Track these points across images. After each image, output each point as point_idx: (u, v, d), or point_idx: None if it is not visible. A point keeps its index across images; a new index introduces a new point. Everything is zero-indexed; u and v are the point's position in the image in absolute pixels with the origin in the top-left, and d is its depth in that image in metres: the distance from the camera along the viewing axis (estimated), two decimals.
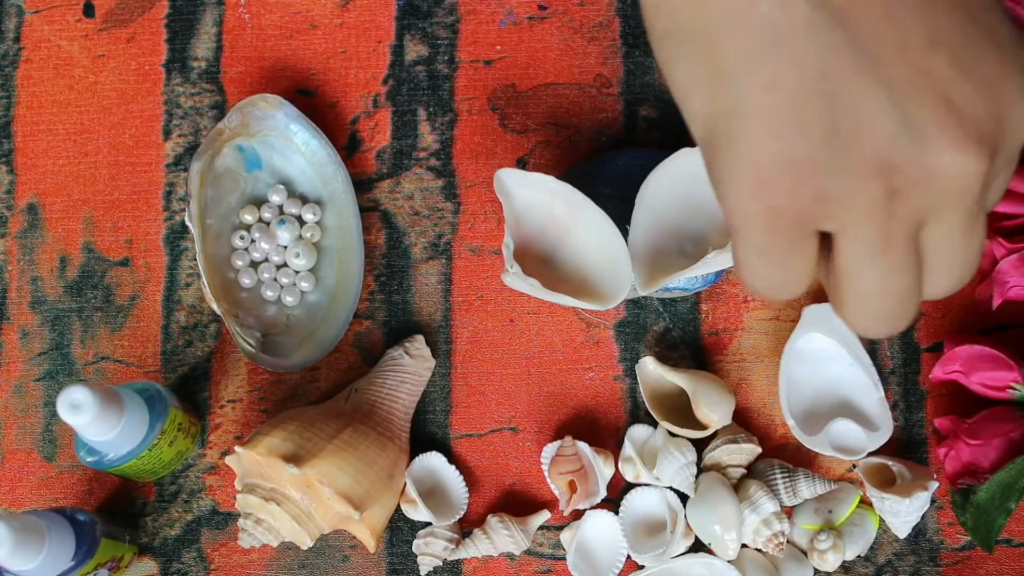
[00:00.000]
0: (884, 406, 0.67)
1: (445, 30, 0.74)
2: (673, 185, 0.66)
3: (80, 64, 0.74)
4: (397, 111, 0.73)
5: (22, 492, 0.69)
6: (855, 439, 0.66)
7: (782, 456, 0.68)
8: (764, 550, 0.65)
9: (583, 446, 0.66)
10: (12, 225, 0.73)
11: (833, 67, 0.35)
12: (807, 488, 0.65)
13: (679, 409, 0.68)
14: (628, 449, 0.67)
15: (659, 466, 0.66)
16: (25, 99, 0.74)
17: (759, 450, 0.66)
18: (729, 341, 0.70)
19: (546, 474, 0.67)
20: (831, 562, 0.65)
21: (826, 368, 0.68)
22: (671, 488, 0.67)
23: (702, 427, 0.66)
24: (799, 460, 0.68)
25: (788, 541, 0.67)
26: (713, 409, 0.65)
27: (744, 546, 0.66)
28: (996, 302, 0.66)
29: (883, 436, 0.66)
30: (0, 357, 0.71)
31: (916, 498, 0.63)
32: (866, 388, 0.67)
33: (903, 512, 0.64)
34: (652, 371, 0.67)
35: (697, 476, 0.66)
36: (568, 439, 0.66)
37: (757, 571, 0.65)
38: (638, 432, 0.68)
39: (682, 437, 0.67)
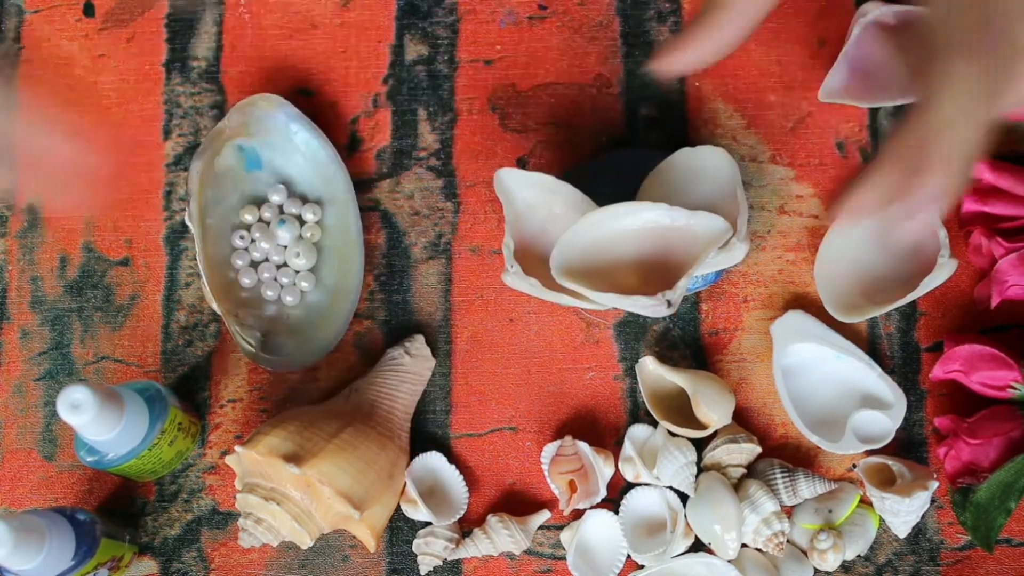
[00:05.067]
0: (886, 379, 0.67)
1: (445, 30, 0.74)
2: (673, 184, 0.66)
3: (80, 64, 0.74)
4: (397, 111, 0.73)
5: (22, 492, 0.69)
6: (878, 424, 0.66)
7: (782, 456, 0.68)
8: (764, 550, 0.65)
9: (583, 446, 0.67)
10: (12, 225, 0.73)
11: None
12: (807, 488, 0.65)
13: (679, 409, 0.68)
14: (628, 449, 0.67)
15: (659, 466, 0.66)
16: (25, 99, 0.74)
17: (759, 450, 0.67)
18: (729, 341, 0.70)
19: (546, 474, 0.67)
20: (831, 562, 0.65)
21: (818, 372, 0.68)
22: (671, 488, 0.67)
23: (702, 427, 0.66)
24: (799, 460, 0.68)
25: (788, 541, 0.67)
26: (713, 409, 0.65)
27: (744, 546, 0.66)
28: (995, 301, 0.66)
29: (900, 409, 0.66)
30: (0, 357, 0.71)
31: (916, 498, 0.64)
32: (863, 372, 0.67)
33: (903, 512, 0.64)
34: (652, 370, 0.67)
35: (697, 476, 0.66)
36: (568, 439, 0.66)
37: (757, 571, 0.65)
38: (638, 432, 0.68)
39: (682, 437, 0.67)
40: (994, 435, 0.64)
